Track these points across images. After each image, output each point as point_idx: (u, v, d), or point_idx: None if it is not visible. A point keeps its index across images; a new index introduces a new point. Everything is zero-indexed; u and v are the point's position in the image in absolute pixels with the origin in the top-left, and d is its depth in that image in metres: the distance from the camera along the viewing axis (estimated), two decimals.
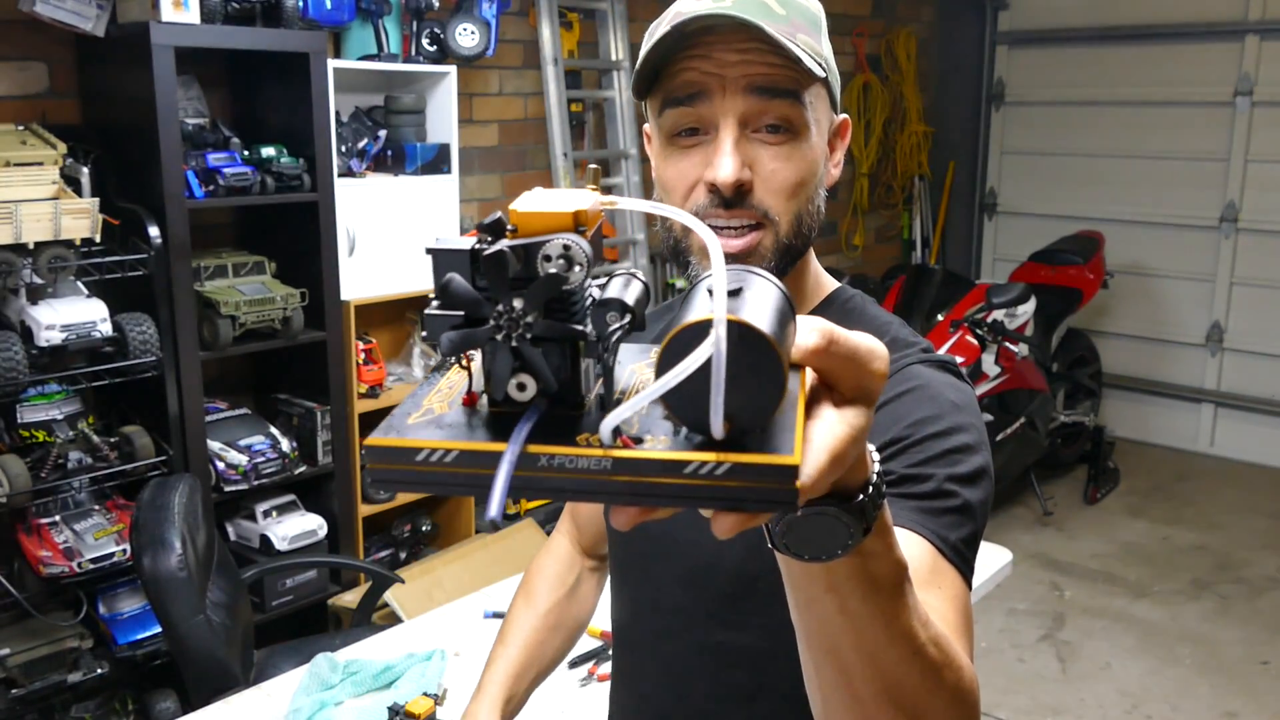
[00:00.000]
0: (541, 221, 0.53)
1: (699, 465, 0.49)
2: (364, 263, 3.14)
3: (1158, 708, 3.31)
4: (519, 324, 0.51)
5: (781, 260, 0.95)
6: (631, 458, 0.50)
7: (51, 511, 2.61)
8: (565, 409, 0.53)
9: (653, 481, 0.50)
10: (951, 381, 0.95)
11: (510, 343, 0.51)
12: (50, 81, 2.80)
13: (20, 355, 2.37)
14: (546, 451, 0.50)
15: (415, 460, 0.50)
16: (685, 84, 0.92)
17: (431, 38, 3.38)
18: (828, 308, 1.04)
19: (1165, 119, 5.38)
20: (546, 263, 0.51)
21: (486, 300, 0.51)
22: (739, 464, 0.49)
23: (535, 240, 0.52)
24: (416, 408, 0.54)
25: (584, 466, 0.50)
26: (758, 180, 0.93)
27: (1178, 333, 5.52)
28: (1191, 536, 4.53)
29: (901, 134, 5.80)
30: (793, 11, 0.92)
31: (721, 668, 1.05)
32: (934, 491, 0.87)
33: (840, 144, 1.01)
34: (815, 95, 0.94)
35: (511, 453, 0.49)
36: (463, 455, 0.50)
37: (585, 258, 0.51)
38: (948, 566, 0.84)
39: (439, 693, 1.75)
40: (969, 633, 0.83)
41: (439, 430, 0.52)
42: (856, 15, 5.45)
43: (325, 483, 3.09)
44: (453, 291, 0.51)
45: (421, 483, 0.51)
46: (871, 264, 5.84)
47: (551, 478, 0.50)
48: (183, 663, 2.08)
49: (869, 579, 0.61)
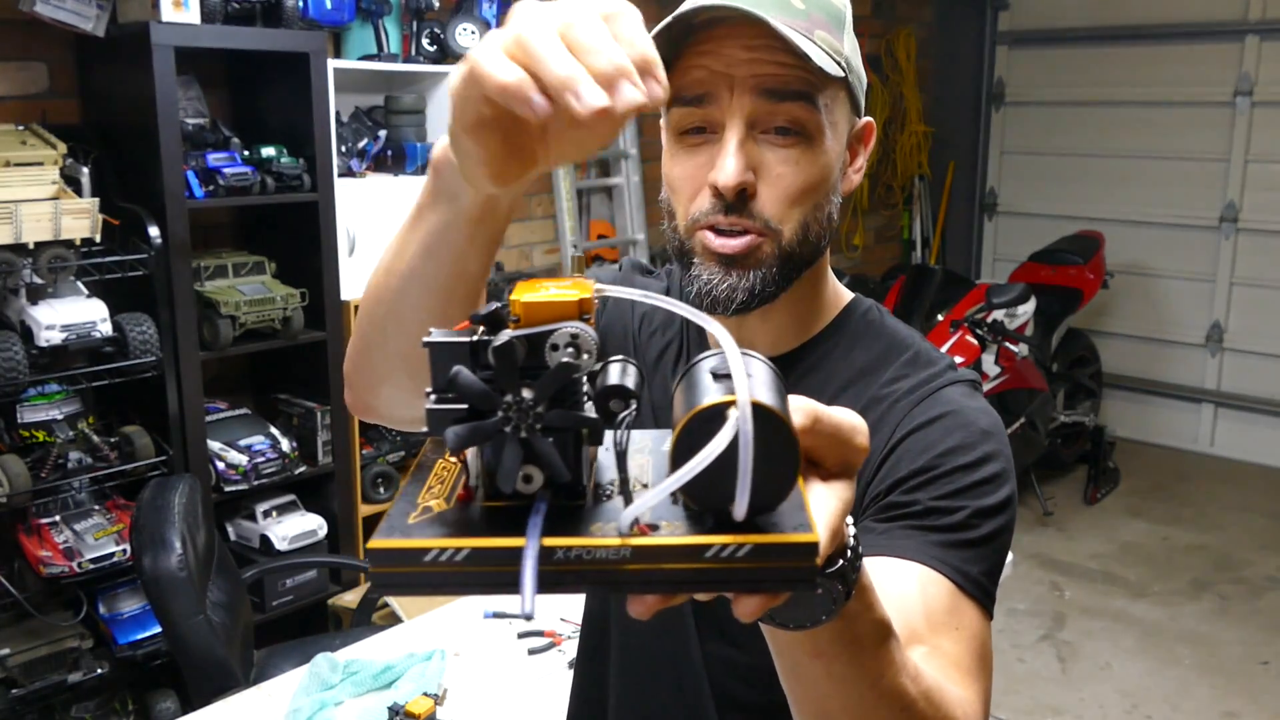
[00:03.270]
0: (548, 310, 0.52)
1: (720, 548, 0.49)
2: (364, 263, 3.14)
3: (1158, 708, 3.31)
4: (529, 415, 0.49)
5: (785, 269, 0.90)
6: (651, 545, 0.49)
7: (51, 511, 2.61)
8: (566, 500, 0.52)
9: (673, 568, 0.49)
10: (983, 407, 0.93)
11: (520, 434, 0.50)
12: (50, 81, 2.79)
13: (20, 355, 2.37)
14: (563, 544, 0.49)
15: (424, 561, 0.49)
16: (693, 83, 0.88)
17: (431, 38, 3.38)
18: (845, 321, 1.00)
19: (1165, 119, 5.38)
20: (555, 351, 0.51)
21: (495, 392, 0.50)
22: (761, 544, 0.49)
23: (542, 329, 0.51)
24: (413, 507, 0.53)
25: (602, 557, 0.49)
26: (763, 184, 0.88)
27: (1178, 333, 5.52)
28: (1191, 536, 4.53)
29: (901, 134, 5.81)
30: (813, 6, 0.87)
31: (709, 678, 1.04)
32: (960, 524, 0.86)
33: (863, 149, 0.96)
34: (832, 97, 0.89)
35: (532, 547, 0.48)
36: (474, 553, 0.49)
37: (593, 345, 0.51)
38: (968, 603, 0.84)
39: (439, 693, 1.75)
40: (985, 671, 0.82)
41: (442, 529, 0.51)
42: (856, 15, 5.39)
43: (325, 483, 3.09)
44: (462, 385, 0.50)
45: (431, 584, 0.50)
46: (871, 264, 5.84)
47: (568, 571, 0.49)
48: (183, 663, 2.09)
49: (853, 640, 0.62)
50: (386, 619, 2.81)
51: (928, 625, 0.80)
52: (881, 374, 0.95)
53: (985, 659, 0.84)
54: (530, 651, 1.92)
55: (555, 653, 1.91)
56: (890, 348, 0.98)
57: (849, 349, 0.98)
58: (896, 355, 0.96)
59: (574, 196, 4.10)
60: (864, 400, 0.94)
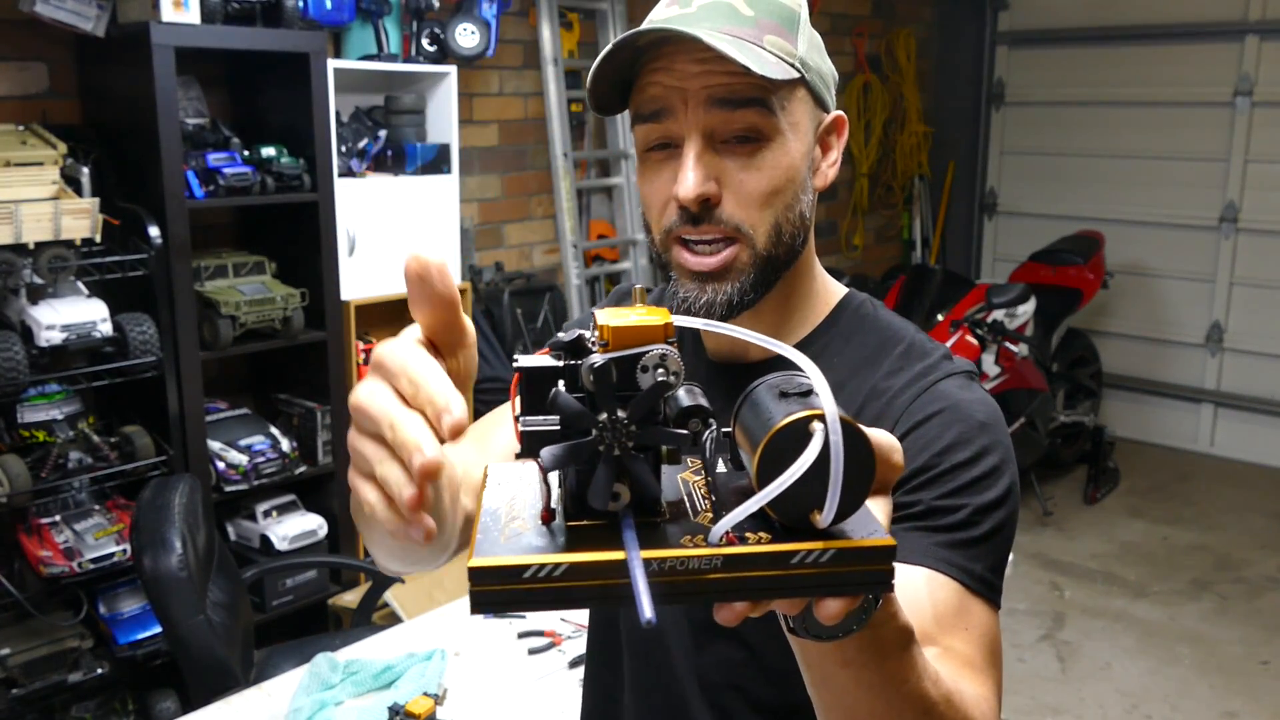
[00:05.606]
0: (636, 335, 0.55)
1: (805, 554, 0.52)
2: (364, 263, 3.15)
3: (1158, 708, 3.31)
4: (624, 434, 0.52)
5: (763, 273, 0.92)
6: (741, 553, 0.52)
7: (52, 511, 2.61)
8: (648, 516, 0.55)
9: (761, 575, 0.52)
10: (979, 398, 0.93)
11: (614, 452, 0.52)
12: (50, 81, 2.80)
13: (20, 355, 2.37)
14: (658, 555, 0.51)
15: (523, 578, 0.51)
16: (649, 99, 0.90)
17: (431, 38, 3.38)
18: (839, 316, 1.01)
19: (1165, 119, 5.38)
20: (645, 373, 0.54)
21: (590, 413, 0.53)
22: (843, 549, 0.52)
23: (634, 352, 0.54)
24: (499, 529, 0.55)
25: (695, 566, 0.52)
26: (727, 192, 0.89)
27: (1178, 333, 5.52)
28: (1191, 536, 4.53)
29: (901, 134, 5.81)
30: (761, 11, 0.88)
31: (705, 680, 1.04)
32: (962, 522, 0.87)
33: (836, 141, 0.97)
34: (788, 98, 0.90)
35: (635, 557, 0.50)
36: (572, 568, 0.51)
37: (680, 366, 0.54)
38: (975, 601, 0.86)
39: (439, 693, 1.75)
40: (995, 664, 0.85)
41: (535, 546, 0.53)
42: (856, 15, 5.45)
43: (325, 483, 3.09)
44: (562, 405, 0.52)
45: (530, 600, 0.52)
46: (871, 264, 5.85)
47: (662, 581, 0.51)
48: (183, 663, 2.09)
49: (880, 648, 0.64)
50: (386, 619, 2.81)
51: (938, 627, 0.82)
52: (878, 367, 0.96)
53: (995, 652, 0.86)
54: (530, 651, 1.92)
55: (555, 653, 1.91)
56: (885, 340, 0.99)
57: (844, 344, 0.99)
58: (892, 347, 0.98)
59: (574, 196, 4.10)
60: (863, 394, 0.95)
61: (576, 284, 4.06)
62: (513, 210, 4.05)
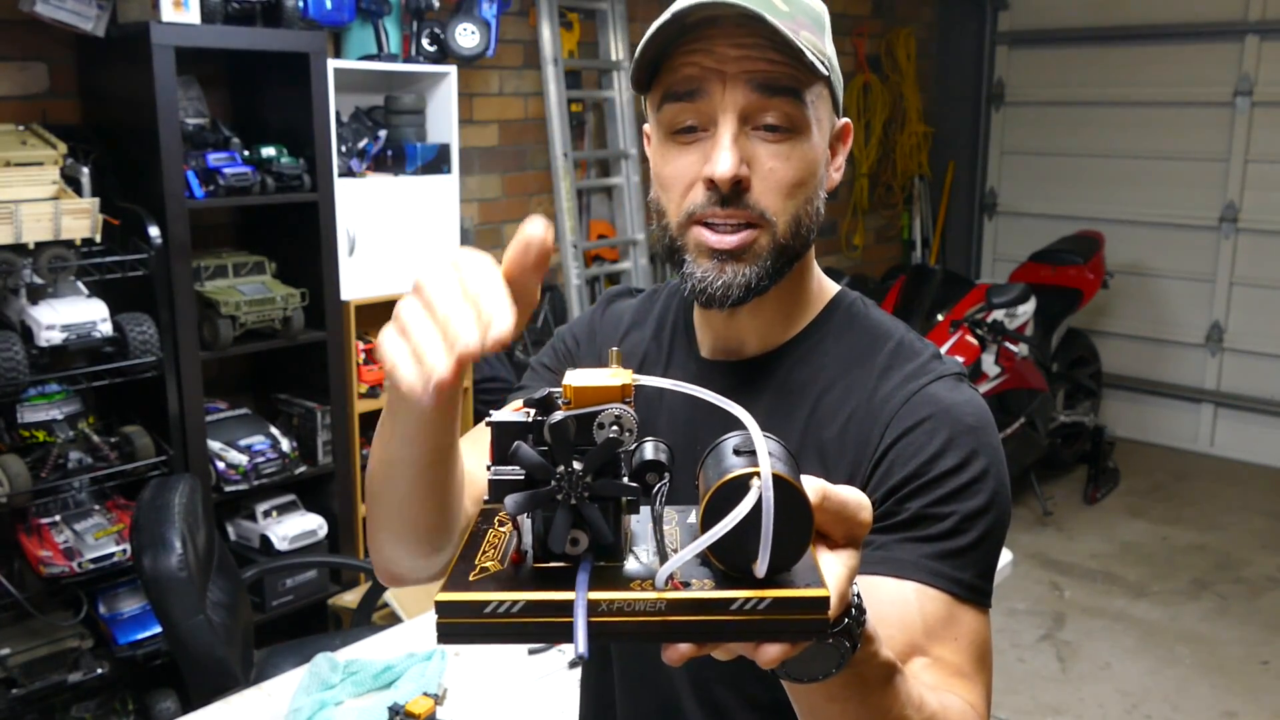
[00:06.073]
0: (595, 395, 0.60)
1: (744, 601, 0.56)
2: (364, 263, 3.14)
3: (1157, 708, 3.31)
4: (579, 484, 0.57)
5: (778, 261, 0.92)
6: (683, 599, 0.56)
7: (52, 511, 2.61)
8: (608, 560, 0.60)
9: (702, 620, 0.57)
10: (967, 399, 0.93)
11: (570, 501, 0.57)
12: (50, 81, 2.80)
13: (20, 355, 2.37)
14: (606, 597, 0.56)
15: (484, 612, 0.56)
16: (685, 79, 0.89)
17: (431, 38, 3.38)
18: (831, 314, 1.01)
19: (1165, 119, 5.38)
20: (600, 430, 0.59)
21: (549, 464, 0.58)
22: (780, 598, 0.56)
23: (591, 410, 0.59)
24: (471, 567, 0.60)
25: (640, 609, 0.56)
26: (755, 178, 0.90)
27: (1177, 333, 5.52)
28: (1191, 536, 4.53)
29: (901, 134, 5.81)
30: (797, 9, 0.90)
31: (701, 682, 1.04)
32: (950, 530, 0.88)
33: (842, 148, 0.98)
34: (817, 95, 0.91)
35: (581, 597, 0.55)
36: (529, 605, 0.56)
37: (634, 424, 0.59)
38: (965, 609, 0.87)
39: (439, 693, 1.75)
40: (985, 668, 0.87)
41: (498, 585, 0.58)
42: (856, 15, 5.45)
43: (325, 483, 3.09)
44: (522, 457, 0.58)
45: (489, 633, 0.57)
46: (871, 264, 5.84)
47: (609, 621, 0.56)
48: (183, 663, 2.09)
49: (862, 684, 0.68)
50: (386, 619, 2.81)
51: (928, 639, 0.84)
52: (868, 365, 0.97)
53: (985, 656, 0.87)
54: (530, 651, 1.91)
55: (555, 653, 1.91)
56: (875, 339, 0.99)
57: (836, 341, 1.00)
58: (882, 345, 0.98)
59: (574, 196, 4.10)
60: (853, 394, 0.96)
61: (576, 284, 4.06)
62: (513, 210, 4.05)
